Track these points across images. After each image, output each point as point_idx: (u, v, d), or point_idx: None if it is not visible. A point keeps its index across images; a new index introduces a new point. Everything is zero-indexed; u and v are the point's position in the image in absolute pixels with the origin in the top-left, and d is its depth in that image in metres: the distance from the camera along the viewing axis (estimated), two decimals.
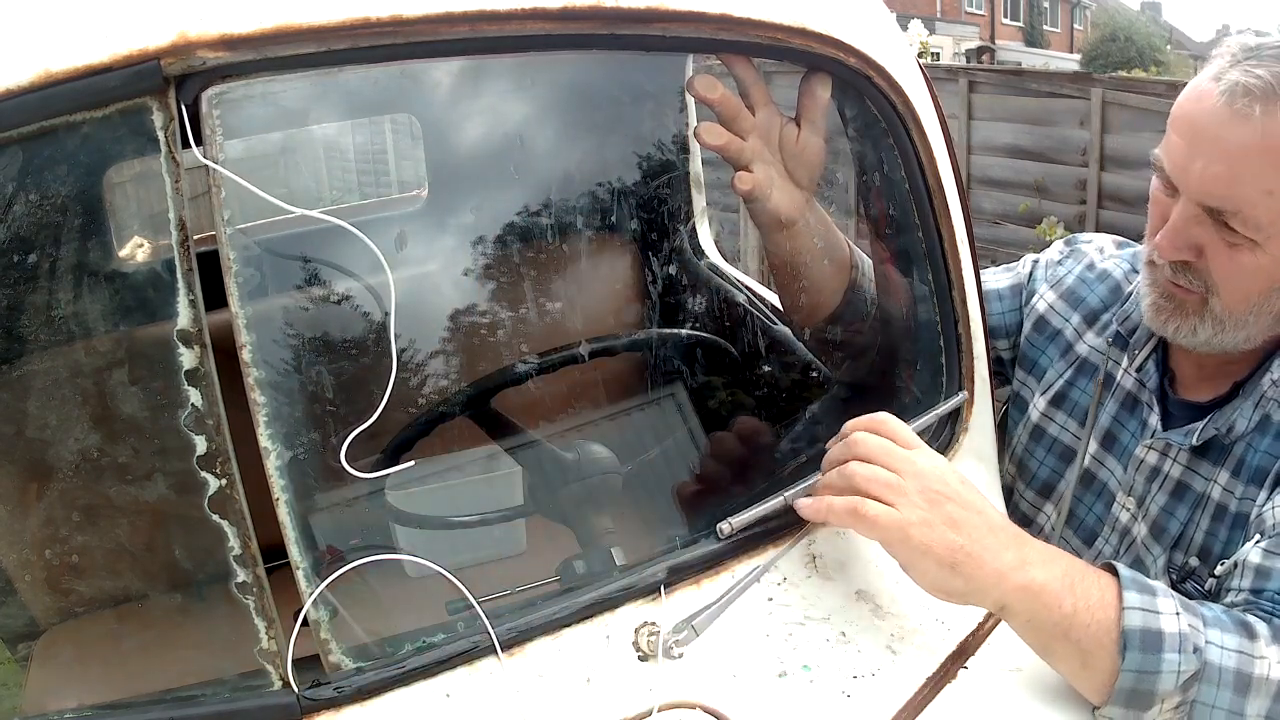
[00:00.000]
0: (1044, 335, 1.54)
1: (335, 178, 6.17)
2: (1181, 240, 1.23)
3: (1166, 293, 1.30)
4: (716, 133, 1.21)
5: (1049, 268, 1.58)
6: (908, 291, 1.33)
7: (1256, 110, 1.15)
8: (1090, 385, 1.46)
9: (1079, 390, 1.48)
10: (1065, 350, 1.51)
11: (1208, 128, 1.19)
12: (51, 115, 0.82)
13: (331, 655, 0.94)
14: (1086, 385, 1.47)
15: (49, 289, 0.96)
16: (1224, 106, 1.17)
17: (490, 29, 0.94)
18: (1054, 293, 1.54)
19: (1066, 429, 1.48)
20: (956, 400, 1.28)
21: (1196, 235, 1.23)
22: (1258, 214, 1.17)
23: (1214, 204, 1.19)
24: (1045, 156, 7.73)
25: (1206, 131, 1.19)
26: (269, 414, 0.91)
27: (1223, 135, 1.17)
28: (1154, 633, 1.04)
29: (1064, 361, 1.50)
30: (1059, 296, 1.54)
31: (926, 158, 1.22)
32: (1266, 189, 1.16)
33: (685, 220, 1.91)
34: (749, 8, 1.06)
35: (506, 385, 1.39)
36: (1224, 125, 1.17)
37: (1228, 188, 1.18)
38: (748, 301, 1.77)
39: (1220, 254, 1.22)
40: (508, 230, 1.46)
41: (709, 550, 1.10)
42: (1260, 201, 1.17)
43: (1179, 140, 1.23)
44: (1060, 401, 1.49)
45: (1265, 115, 1.15)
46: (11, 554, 1.34)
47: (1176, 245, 1.24)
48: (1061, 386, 1.49)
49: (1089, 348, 1.48)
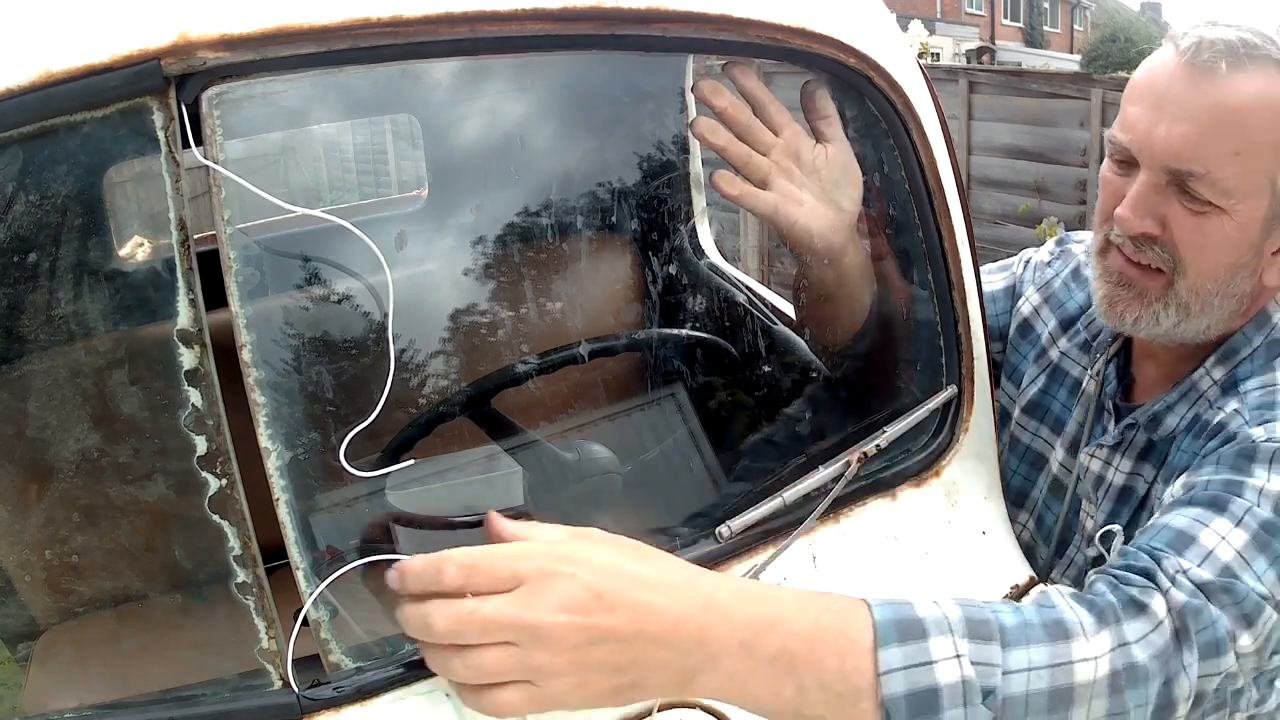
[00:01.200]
0: (1026, 340, 1.51)
1: (335, 178, 6.18)
2: (1144, 208, 1.17)
3: (1124, 279, 1.23)
4: (716, 130, 1.16)
5: (1038, 269, 1.55)
6: (907, 292, 1.33)
7: (1222, 65, 1.11)
8: (1061, 392, 1.44)
9: (1050, 397, 1.45)
10: (1040, 355, 1.48)
11: (1170, 89, 1.14)
12: (51, 115, 0.82)
13: (331, 655, 0.94)
14: (1058, 392, 1.44)
15: (49, 289, 0.96)
16: (1187, 65, 1.13)
17: (490, 29, 0.94)
18: (1039, 295, 1.52)
19: (1039, 436, 1.46)
20: (945, 395, 1.27)
21: (1159, 205, 1.17)
22: (1225, 176, 1.12)
23: (1181, 166, 1.14)
24: (1045, 157, 7.73)
25: (1169, 93, 1.14)
26: (269, 414, 0.91)
27: (1187, 94, 1.12)
28: (926, 692, 0.88)
29: (1037, 367, 1.48)
30: (1043, 300, 1.51)
31: (926, 158, 1.22)
32: (1233, 150, 1.12)
33: (685, 220, 1.91)
34: (749, 8, 1.06)
35: (506, 385, 1.39)
36: (1188, 84, 1.13)
37: (1195, 148, 1.12)
38: (748, 301, 1.76)
39: (1186, 223, 1.16)
40: (508, 230, 1.46)
41: (708, 550, 1.10)
42: (1228, 163, 1.12)
43: (1139, 110, 1.17)
44: (1033, 409, 1.47)
45: (1231, 71, 1.11)
46: (11, 554, 1.34)
47: (1140, 214, 1.17)
48: (1035, 394, 1.47)
49: (1060, 354, 1.46)
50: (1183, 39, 1.15)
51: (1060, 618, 0.97)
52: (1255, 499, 1.06)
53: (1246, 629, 1.00)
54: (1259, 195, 1.15)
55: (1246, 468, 1.09)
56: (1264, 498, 1.06)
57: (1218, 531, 1.04)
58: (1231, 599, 1.00)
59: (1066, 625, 0.96)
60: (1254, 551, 1.02)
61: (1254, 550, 1.02)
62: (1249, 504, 1.05)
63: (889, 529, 1.22)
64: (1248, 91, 1.11)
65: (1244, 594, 1.00)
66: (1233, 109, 1.11)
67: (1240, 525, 1.04)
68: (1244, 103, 1.11)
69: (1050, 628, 0.95)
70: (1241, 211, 1.14)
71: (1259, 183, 1.14)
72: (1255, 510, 1.05)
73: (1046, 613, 0.97)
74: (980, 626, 0.94)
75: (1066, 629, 0.96)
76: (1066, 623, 0.96)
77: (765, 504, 1.11)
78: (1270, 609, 1.01)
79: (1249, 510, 1.05)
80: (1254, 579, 1.01)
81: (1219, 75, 1.11)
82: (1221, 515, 1.05)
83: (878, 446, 1.19)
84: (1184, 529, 1.05)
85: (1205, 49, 1.12)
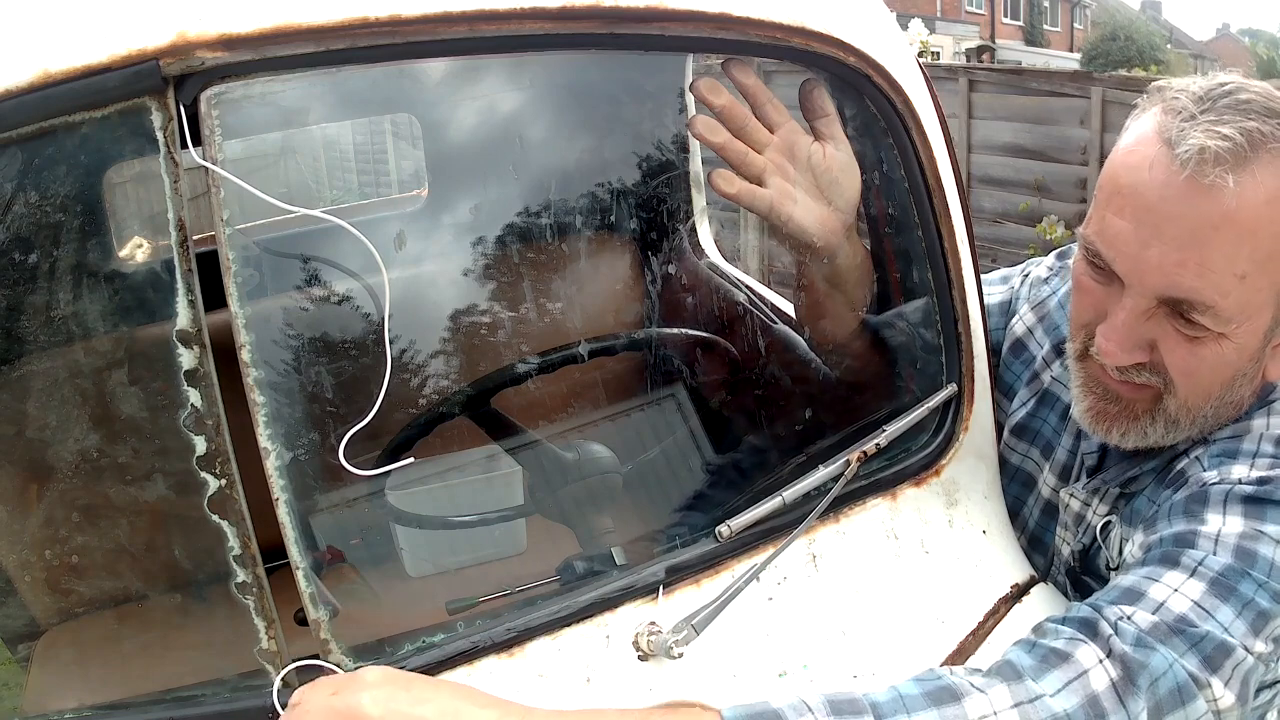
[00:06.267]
0: (1019, 360, 1.46)
1: (335, 178, 6.18)
2: (1133, 341, 1.06)
3: (1110, 393, 1.13)
4: (713, 129, 1.15)
5: (1034, 286, 1.48)
6: (907, 290, 1.33)
7: (1230, 181, 0.96)
8: (1051, 416, 1.39)
9: (1040, 420, 1.41)
10: (1032, 378, 1.43)
11: (1166, 206, 0.99)
12: (51, 115, 0.82)
13: (331, 655, 0.94)
14: (1048, 416, 1.40)
15: (49, 289, 0.96)
16: (1187, 180, 0.98)
17: (489, 29, 0.94)
18: (1033, 315, 1.45)
19: (1029, 458, 1.43)
20: (945, 394, 1.27)
21: (1148, 331, 1.06)
22: (1229, 304, 1.00)
23: (1178, 295, 1.02)
24: (1045, 155, 7.73)
25: (1164, 210, 1.00)
26: (268, 414, 0.91)
27: (1188, 214, 0.98)
28: None
29: (1029, 390, 1.43)
30: (1038, 320, 1.45)
31: (926, 157, 1.22)
32: (1240, 273, 0.99)
33: (685, 220, 1.91)
34: (748, 7, 1.06)
35: (506, 385, 1.39)
36: (1188, 202, 0.98)
37: (1197, 277, 0.99)
38: (748, 301, 1.76)
39: (1178, 349, 1.05)
40: (507, 230, 1.46)
41: (708, 550, 1.10)
42: (1233, 289, 0.99)
43: (1124, 224, 1.03)
44: (1022, 431, 1.43)
45: (1240, 184, 0.96)
46: (11, 554, 1.34)
47: (1128, 348, 1.06)
48: (1024, 417, 1.43)
49: (1052, 378, 1.40)
50: (1179, 144, 0.98)
51: (945, 683, 0.92)
52: (1211, 547, 1.00)
53: (1213, 673, 0.93)
54: (1264, 311, 1.04)
55: (1198, 514, 1.03)
56: (1219, 545, 0.99)
57: (1169, 584, 0.98)
58: (1187, 642, 0.94)
59: (952, 688, 0.91)
60: (1215, 600, 0.96)
61: (1214, 599, 0.96)
62: (1203, 553, 0.99)
63: (889, 528, 1.22)
64: (1258, 200, 0.98)
65: (1201, 636, 0.94)
66: (1243, 227, 0.98)
67: (1194, 576, 0.98)
68: (1256, 216, 0.98)
69: (934, 694, 0.90)
70: (1242, 333, 1.04)
71: (1265, 299, 1.03)
72: (1210, 559, 0.99)
73: (927, 682, 0.93)
74: (846, 705, 0.90)
75: (953, 691, 0.91)
76: (952, 686, 0.91)
77: (765, 503, 1.11)
78: (1241, 651, 0.94)
79: (1203, 560, 0.99)
80: (1219, 628, 0.94)
81: (1226, 194, 0.97)
82: (1174, 569, 0.99)
83: (878, 445, 1.19)
84: (1131, 586, 1.00)
85: (1210, 163, 0.96)
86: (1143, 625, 0.95)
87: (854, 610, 1.14)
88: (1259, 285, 1.02)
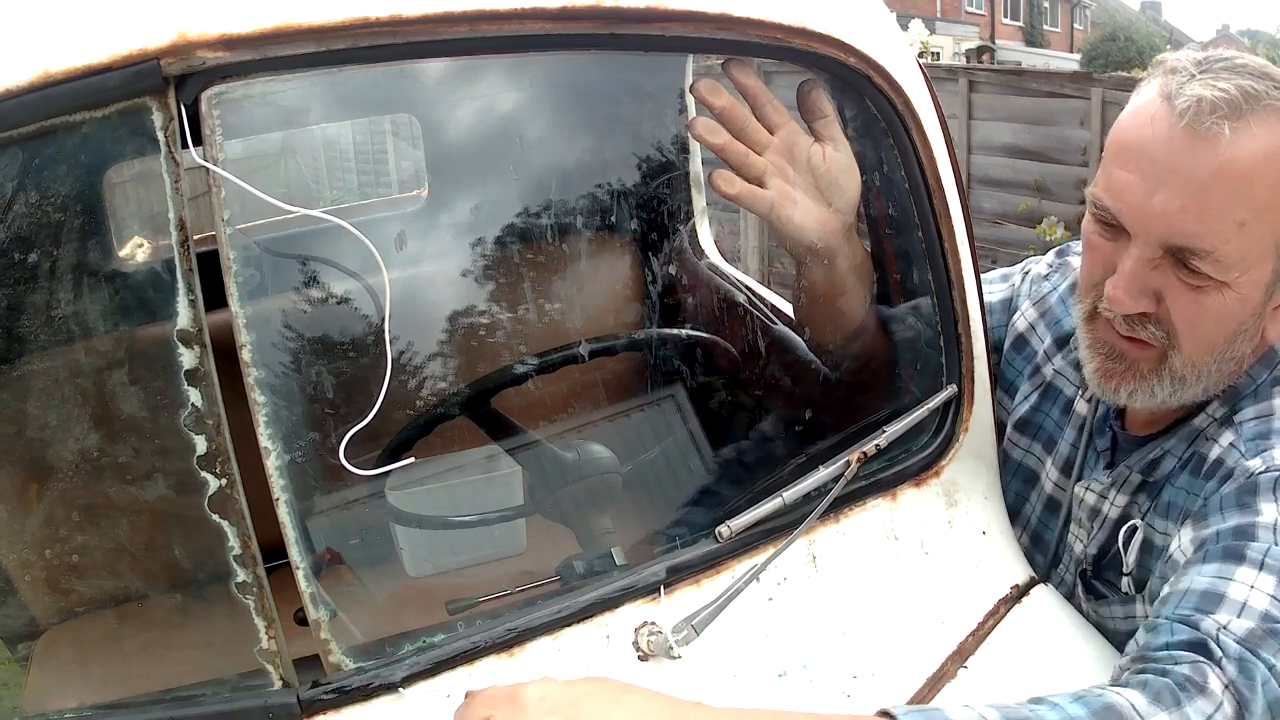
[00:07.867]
0: (1021, 355, 1.47)
1: (335, 178, 6.18)
2: (1139, 288, 1.09)
3: (1116, 351, 1.16)
4: (714, 130, 1.16)
5: (1035, 282, 1.50)
6: (907, 291, 1.33)
7: (1225, 130, 1.01)
8: (1054, 410, 1.40)
9: (1043, 415, 1.42)
10: (1034, 372, 1.45)
11: (1167, 156, 1.05)
12: (51, 115, 0.82)
13: (331, 655, 0.94)
14: (1050, 410, 1.41)
15: (49, 289, 0.96)
16: (1186, 128, 1.03)
17: (489, 29, 0.94)
18: (1035, 310, 1.47)
19: (1031, 453, 1.43)
20: (945, 394, 1.27)
21: (1153, 281, 1.10)
22: (1229, 251, 1.05)
23: (1181, 243, 1.06)
24: (1045, 156, 7.73)
25: (1166, 160, 1.05)
26: (269, 414, 0.91)
27: (1187, 162, 1.03)
28: None
29: (1031, 384, 1.44)
30: (1039, 315, 1.46)
31: (926, 157, 1.22)
32: (1239, 220, 1.04)
33: (685, 220, 1.91)
34: (748, 7, 1.06)
35: (506, 385, 1.39)
36: (1188, 150, 1.03)
37: (1198, 223, 1.04)
38: (747, 301, 1.76)
39: (1183, 299, 1.09)
40: (508, 230, 1.46)
41: (708, 550, 1.10)
42: (1233, 236, 1.04)
43: (1129, 175, 1.08)
44: (1025, 426, 1.44)
45: (1236, 133, 1.01)
46: (11, 554, 1.34)
47: (1134, 294, 1.10)
48: (1027, 411, 1.44)
49: (1054, 371, 1.42)
50: (1179, 96, 1.04)
51: (1109, 702, 0.93)
52: (1271, 537, 1.02)
53: None
54: (1264, 262, 1.08)
55: (1252, 504, 1.05)
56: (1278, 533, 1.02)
57: (1243, 581, 1.00)
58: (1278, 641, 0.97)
59: (1117, 709, 0.93)
60: None
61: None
62: (1266, 544, 1.02)
63: (889, 529, 1.22)
64: (1254, 152, 1.03)
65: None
66: (1239, 175, 1.03)
67: (1264, 569, 1.00)
68: (1252, 166, 1.03)
69: (1100, 713, 0.92)
70: (1244, 283, 1.07)
71: (1264, 249, 1.07)
72: (1275, 549, 1.01)
73: (1093, 701, 0.94)
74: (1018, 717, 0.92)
75: (1118, 713, 0.92)
76: (1116, 706, 0.93)
77: (765, 504, 1.11)
78: None
79: (1268, 551, 1.01)
80: None
81: (1223, 141, 1.02)
82: (1242, 564, 1.01)
83: (878, 446, 1.19)
84: (1208, 589, 1.01)
85: (1206, 112, 1.02)
86: (1240, 634, 0.97)
87: (854, 611, 1.15)
88: (1258, 234, 1.06)
